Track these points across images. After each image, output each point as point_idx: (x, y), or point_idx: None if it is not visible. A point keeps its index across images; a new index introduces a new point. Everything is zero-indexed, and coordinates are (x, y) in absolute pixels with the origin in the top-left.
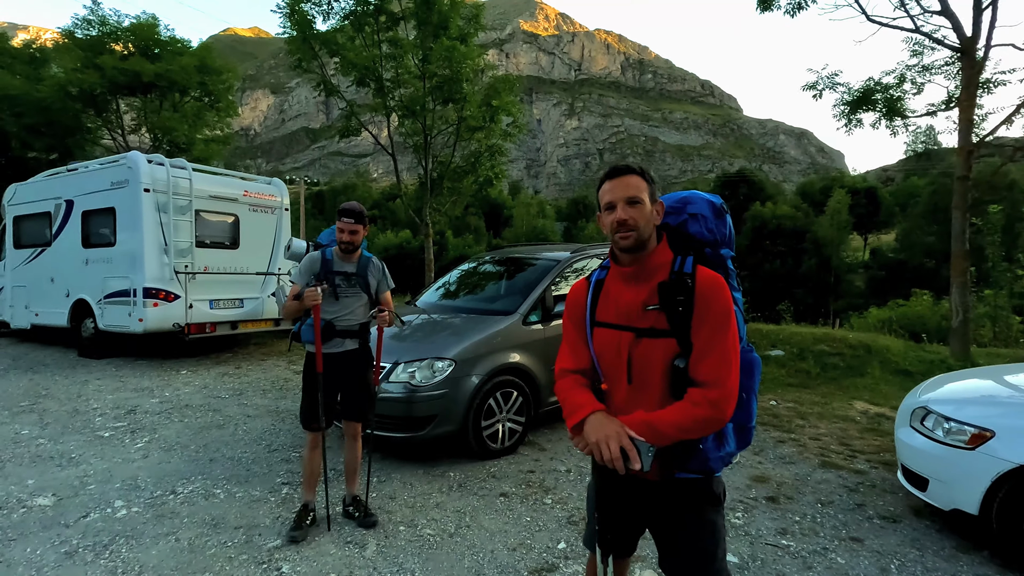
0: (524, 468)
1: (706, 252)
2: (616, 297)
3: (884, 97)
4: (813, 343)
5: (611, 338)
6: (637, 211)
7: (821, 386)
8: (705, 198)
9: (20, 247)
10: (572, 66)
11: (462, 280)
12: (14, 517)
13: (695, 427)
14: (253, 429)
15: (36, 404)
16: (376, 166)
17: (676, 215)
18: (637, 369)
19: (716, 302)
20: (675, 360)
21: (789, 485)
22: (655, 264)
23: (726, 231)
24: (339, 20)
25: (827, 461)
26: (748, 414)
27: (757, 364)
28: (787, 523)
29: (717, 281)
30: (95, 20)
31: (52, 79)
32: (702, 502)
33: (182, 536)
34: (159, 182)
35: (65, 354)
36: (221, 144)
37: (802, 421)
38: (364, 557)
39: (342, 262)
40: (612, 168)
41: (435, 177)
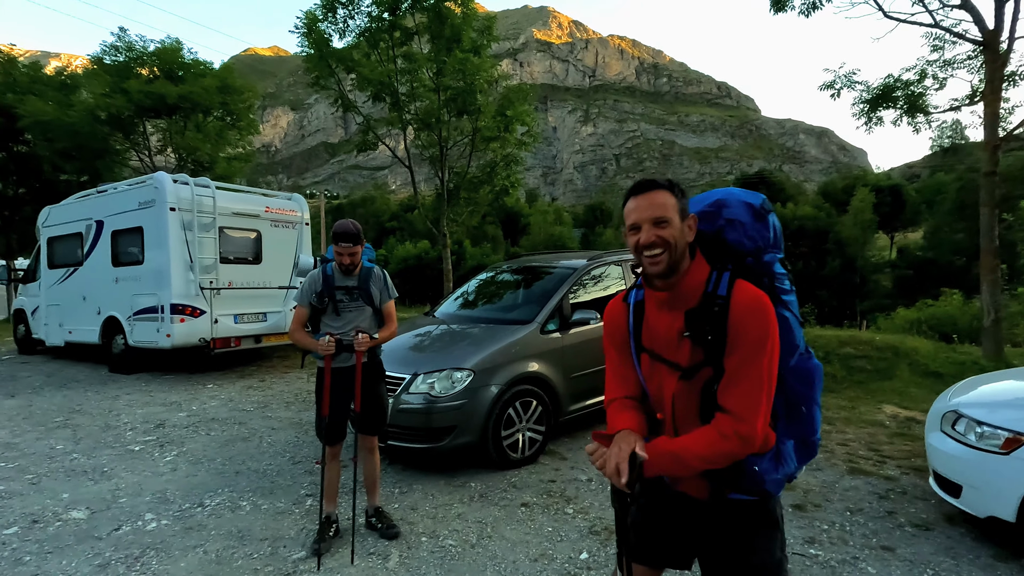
0: (545, 478)
1: (747, 262)
2: (654, 324)
3: (905, 94)
4: (838, 346)
5: (656, 370)
6: (666, 231)
7: (847, 390)
8: (742, 200)
9: (54, 267)
10: (586, 72)
11: (480, 290)
12: (50, 530)
13: (721, 460)
14: (277, 441)
15: (69, 419)
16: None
17: (711, 221)
18: (680, 406)
19: (752, 327)
20: (708, 386)
21: (816, 492)
22: (690, 287)
23: (769, 234)
24: (355, 37)
25: (855, 467)
26: (811, 427)
27: (817, 372)
28: (815, 532)
29: (756, 301)
30: (122, 46)
31: (82, 104)
32: (758, 526)
33: (210, 548)
34: (184, 201)
35: (96, 370)
36: (243, 161)
37: (828, 426)
38: (387, 568)
39: (343, 277)
40: (637, 184)
41: (451, 188)
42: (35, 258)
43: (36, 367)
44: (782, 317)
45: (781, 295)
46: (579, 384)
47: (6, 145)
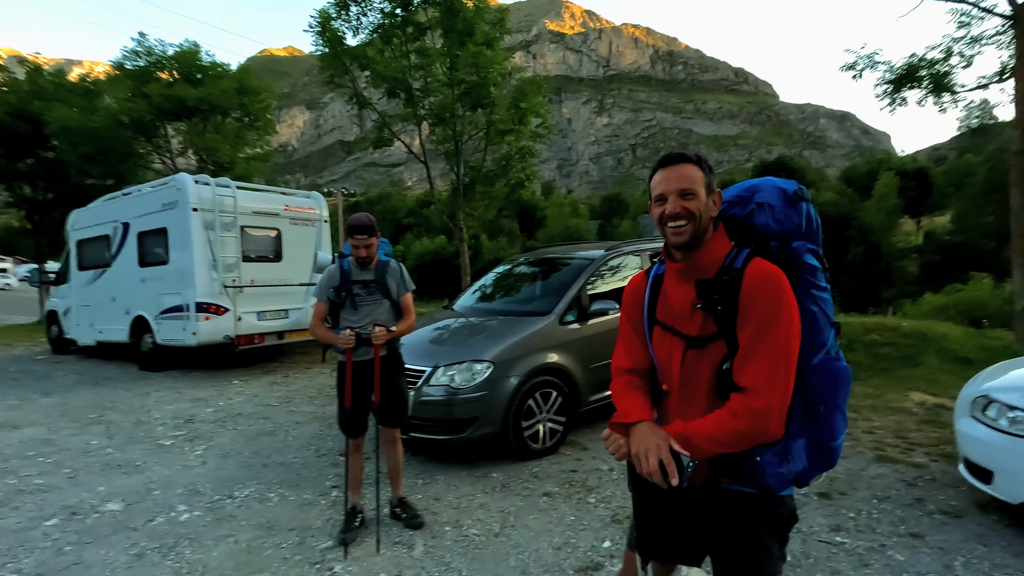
0: (566, 468)
1: (772, 245)
2: (670, 296)
3: (930, 73)
4: (863, 333)
5: (666, 340)
6: (691, 203)
7: (873, 378)
8: (776, 185)
9: (84, 269)
10: (600, 63)
11: (497, 283)
12: (88, 522)
13: (733, 441)
14: (302, 435)
15: (103, 416)
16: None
17: (743, 205)
18: (687, 378)
19: (764, 296)
20: (722, 363)
21: (842, 480)
22: (708, 260)
23: (800, 221)
24: (368, 34)
25: (882, 455)
26: (831, 431)
27: (843, 374)
28: (841, 519)
29: (770, 274)
30: (142, 51)
31: (105, 109)
32: (756, 522)
33: (240, 538)
34: (206, 201)
35: (126, 368)
36: (261, 161)
37: (854, 414)
38: (412, 557)
39: (360, 271)
40: (665, 156)
41: (467, 182)
42: (65, 261)
43: (69, 366)
44: (808, 311)
45: (812, 289)
46: (599, 375)
47: (34, 151)
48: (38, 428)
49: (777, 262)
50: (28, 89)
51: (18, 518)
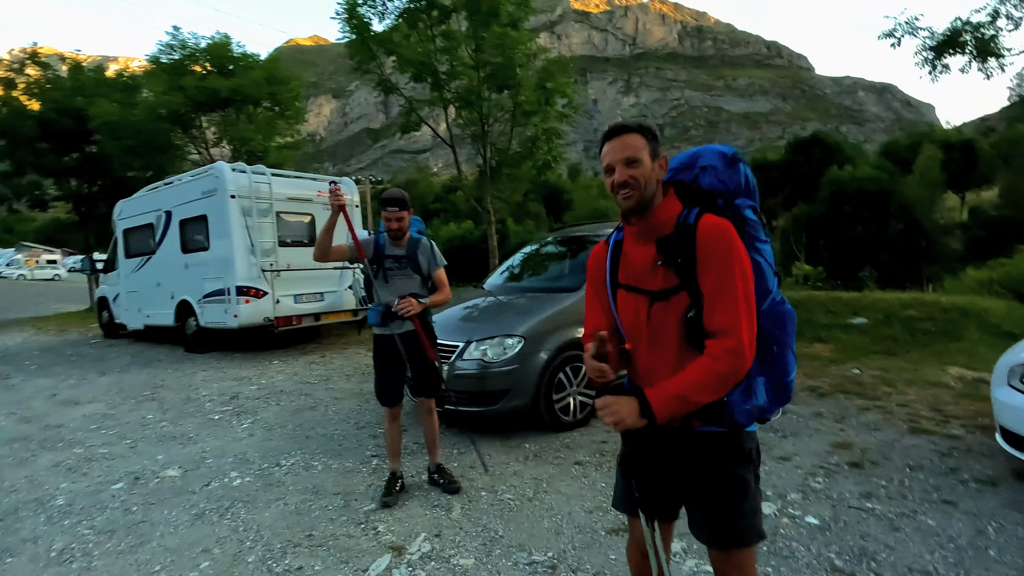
0: (597, 439)
1: (718, 203)
2: (632, 258)
3: (974, 37)
4: (900, 308)
5: (631, 301)
6: (636, 171)
7: (910, 353)
8: (716, 149)
9: (130, 256)
10: (626, 41)
11: (526, 262)
12: (150, 486)
13: (719, 384)
14: (341, 410)
15: (155, 393)
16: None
17: (689, 171)
18: (654, 331)
19: (718, 246)
20: (687, 312)
21: (874, 451)
22: (662, 220)
23: (740, 180)
24: (394, 19)
25: (917, 427)
26: (783, 368)
27: (790, 316)
28: (872, 487)
29: (720, 226)
30: (176, 45)
31: (144, 103)
32: (728, 459)
33: (289, 501)
34: (243, 188)
35: (173, 350)
36: (292, 150)
37: (889, 388)
38: (450, 518)
39: (393, 246)
40: (609, 128)
41: (494, 164)
42: (113, 249)
43: (121, 349)
44: (755, 262)
45: (755, 242)
46: None
47: (79, 146)
48: (98, 404)
49: (724, 216)
50: (71, 86)
51: (88, 482)
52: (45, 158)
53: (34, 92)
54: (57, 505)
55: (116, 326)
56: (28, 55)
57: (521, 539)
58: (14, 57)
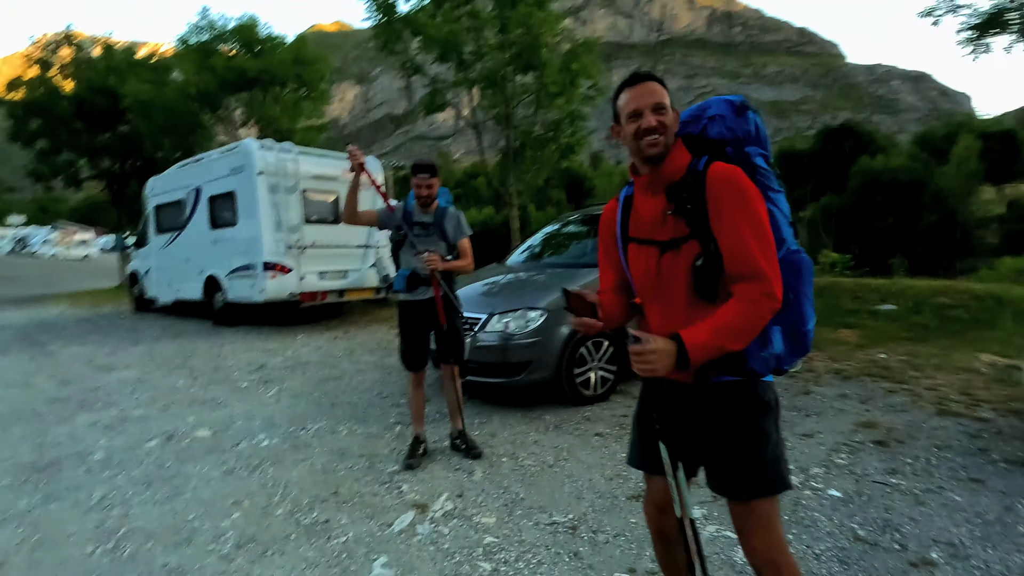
0: (617, 413)
1: (727, 151)
2: (641, 210)
3: (1021, 14)
4: (931, 295)
5: (641, 254)
6: (665, 116)
7: (940, 339)
8: (723, 99)
9: (161, 232)
10: (652, 27)
11: (548, 240)
12: (183, 444)
13: (755, 328)
14: (365, 381)
15: (186, 362)
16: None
17: (696, 123)
18: (664, 282)
19: (730, 189)
20: (695, 261)
21: (900, 431)
22: (672, 169)
23: (750, 128)
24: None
25: (945, 409)
26: (801, 317)
27: (806, 264)
28: (897, 464)
29: (731, 171)
30: (205, 26)
31: (174, 83)
32: (747, 407)
33: (316, 461)
34: (270, 165)
35: (202, 324)
36: (317, 132)
37: (916, 372)
38: (472, 481)
39: (420, 213)
40: (633, 75)
41: (517, 147)
42: (144, 225)
43: (152, 322)
44: (768, 212)
45: (767, 191)
46: None
47: (112, 125)
48: (132, 371)
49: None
50: (104, 66)
51: (124, 439)
52: (80, 137)
53: (69, 73)
54: (96, 459)
55: (147, 300)
56: (63, 37)
57: (542, 502)
58: (49, 40)
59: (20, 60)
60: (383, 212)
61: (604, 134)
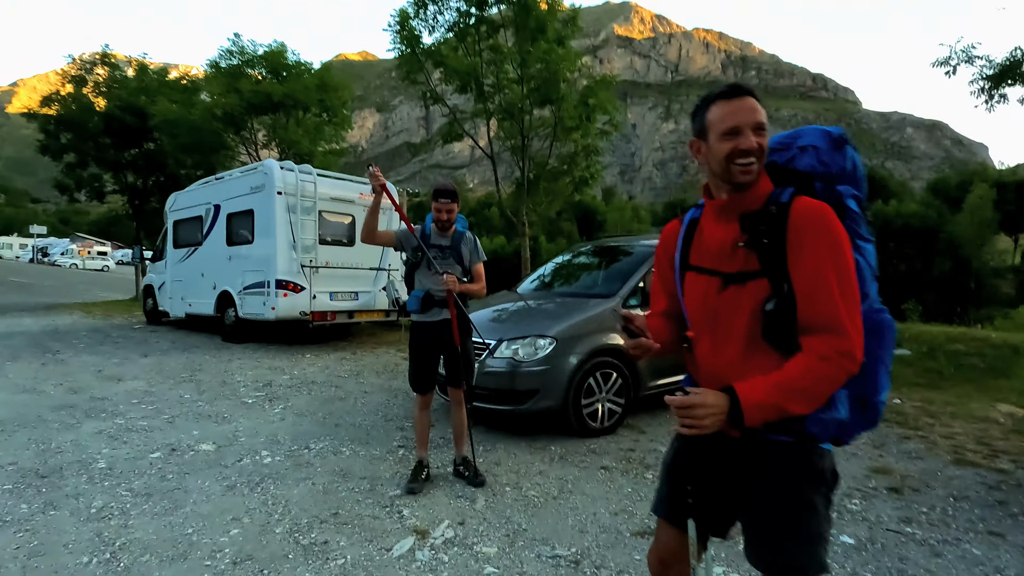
0: (624, 447)
1: (815, 186)
2: (708, 238)
3: None
4: (946, 342)
5: (700, 284)
6: (764, 139)
7: (955, 387)
8: (819, 129)
9: (178, 247)
10: (668, 68)
11: (559, 269)
12: (186, 457)
13: (826, 388)
14: (370, 403)
15: (193, 376)
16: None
17: (784, 151)
18: (722, 318)
19: (817, 229)
20: (765, 303)
21: (915, 479)
22: (753, 196)
23: (846, 164)
24: (443, 33)
25: (961, 459)
26: (874, 385)
27: (888, 327)
28: (912, 513)
29: (821, 208)
30: (236, 50)
31: (201, 104)
32: (798, 474)
33: (317, 481)
34: (289, 186)
35: (212, 339)
36: (336, 156)
37: (931, 419)
38: (475, 509)
39: (438, 236)
40: (731, 87)
41: (532, 178)
42: (163, 239)
43: (162, 335)
44: (854, 261)
45: (856, 238)
46: (660, 360)
47: (139, 142)
48: (139, 382)
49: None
50: (136, 85)
51: (128, 450)
52: (107, 152)
53: (102, 91)
54: (99, 468)
55: (159, 313)
56: (100, 56)
57: (545, 534)
58: (85, 59)
59: (55, 77)
60: (403, 233)
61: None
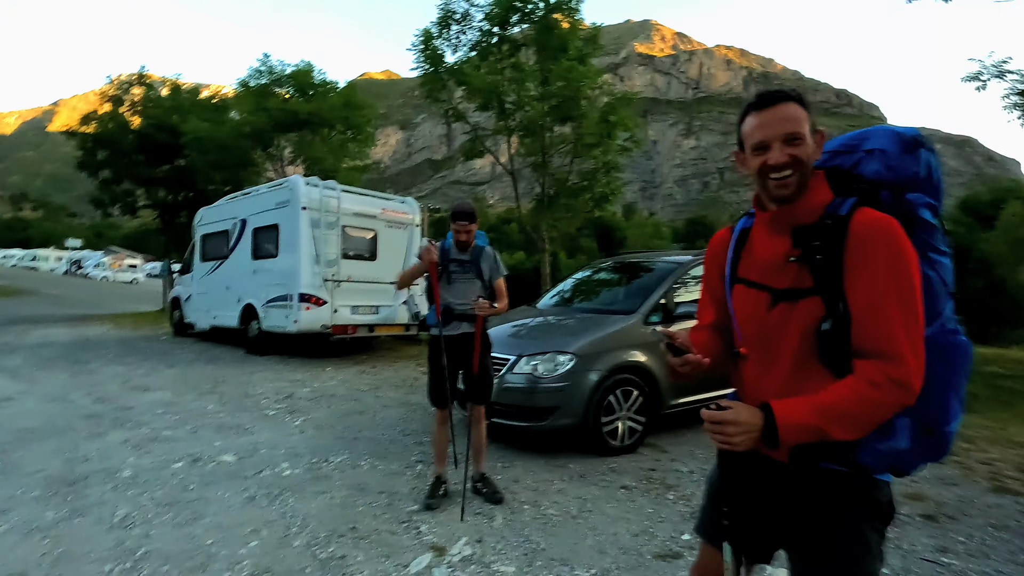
0: (644, 466)
1: (881, 195)
2: (758, 250)
3: None
4: (981, 364)
5: (749, 299)
6: (798, 150)
7: (991, 410)
8: (890, 130)
9: (205, 260)
10: (689, 85)
11: (579, 285)
12: (207, 468)
13: (875, 416)
14: (388, 417)
15: (216, 388)
16: (492, 192)
17: (849, 155)
18: (770, 337)
19: (879, 247)
20: (820, 323)
21: (951, 506)
22: (806, 208)
23: (919, 169)
24: (466, 52)
25: (1000, 486)
26: (942, 413)
27: (962, 350)
28: (948, 542)
29: (884, 221)
30: (264, 70)
31: (231, 122)
32: (849, 506)
33: (335, 495)
34: (314, 201)
35: (235, 351)
36: (360, 172)
37: (967, 444)
38: (492, 527)
39: (458, 252)
40: (761, 95)
41: (552, 194)
42: (190, 252)
43: (188, 346)
44: (925, 275)
45: (928, 251)
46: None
47: (171, 159)
48: (164, 392)
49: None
50: (169, 104)
51: (151, 459)
52: (140, 168)
53: (137, 110)
54: (123, 476)
55: (185, 325)
56: (136, 77)
57: (564, 554)
58: (123, 80)
59: (94, 97)
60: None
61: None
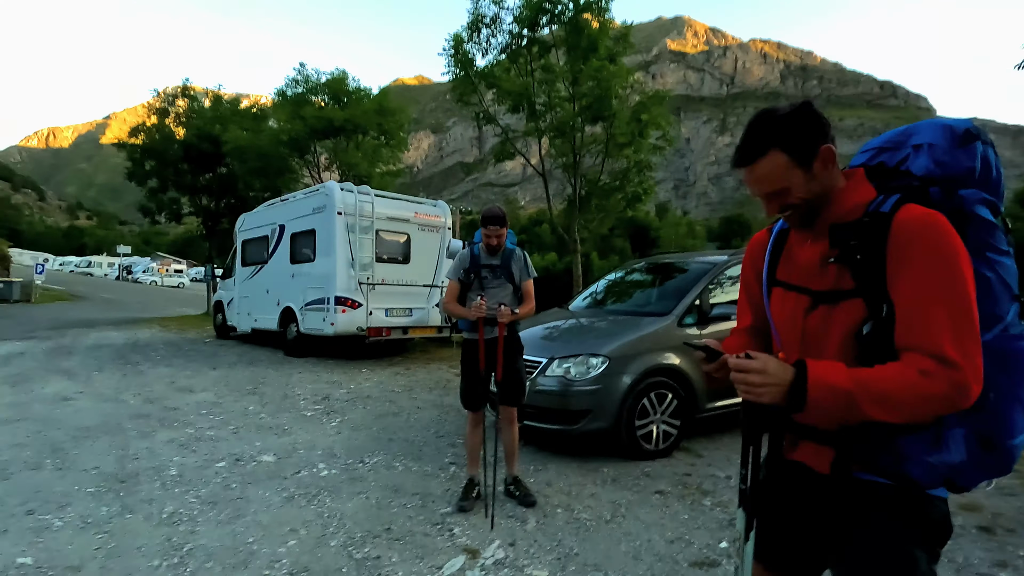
0: (679, 471)
1: (930, 192)
2: (796, 251)
3: None
4: None
5: (788, 302)
6: (787, 198)
7: None
8: (940, 123)
9: (246, 265)
10: (724, 80)
11: (612, 287)
12: (248, 468)
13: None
14: (423, 418)
15: (257, 389)
16: (523, 194)
17: (895, 151)
18: (810, 341)
19: (922, 241)
20: (861, 327)
21: (1008, 517)
22: (844, 208)
23: (974, 164)
24: (496, 55)
25: None
26: (1004, 426)
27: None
28: (1006, 555)
29: (927, 216)
30: (301, 79)
31: (269, 130)
32: (895, 524)
33: (371, 495)
34: (349, 206)
35: (275, 353)
36: (393, 177)
37: None
38: (525, 530)
39: (488, 256)
40: (737, 150)
41: (583, 195)
42: (232, 257)
43: (230, 348)
44: (982, 277)
45: (986, 250)
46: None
47: (213, 167)
48: (208, 394)
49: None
50: (211, 115)
51: (196, 458)
52: (185, 177)
53: (182, 121)
54: (170, 475)
55: (227, 328)
56: (181, 89)
57: (597, 559)
58: (168, 93)
59: (142, 109)
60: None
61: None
